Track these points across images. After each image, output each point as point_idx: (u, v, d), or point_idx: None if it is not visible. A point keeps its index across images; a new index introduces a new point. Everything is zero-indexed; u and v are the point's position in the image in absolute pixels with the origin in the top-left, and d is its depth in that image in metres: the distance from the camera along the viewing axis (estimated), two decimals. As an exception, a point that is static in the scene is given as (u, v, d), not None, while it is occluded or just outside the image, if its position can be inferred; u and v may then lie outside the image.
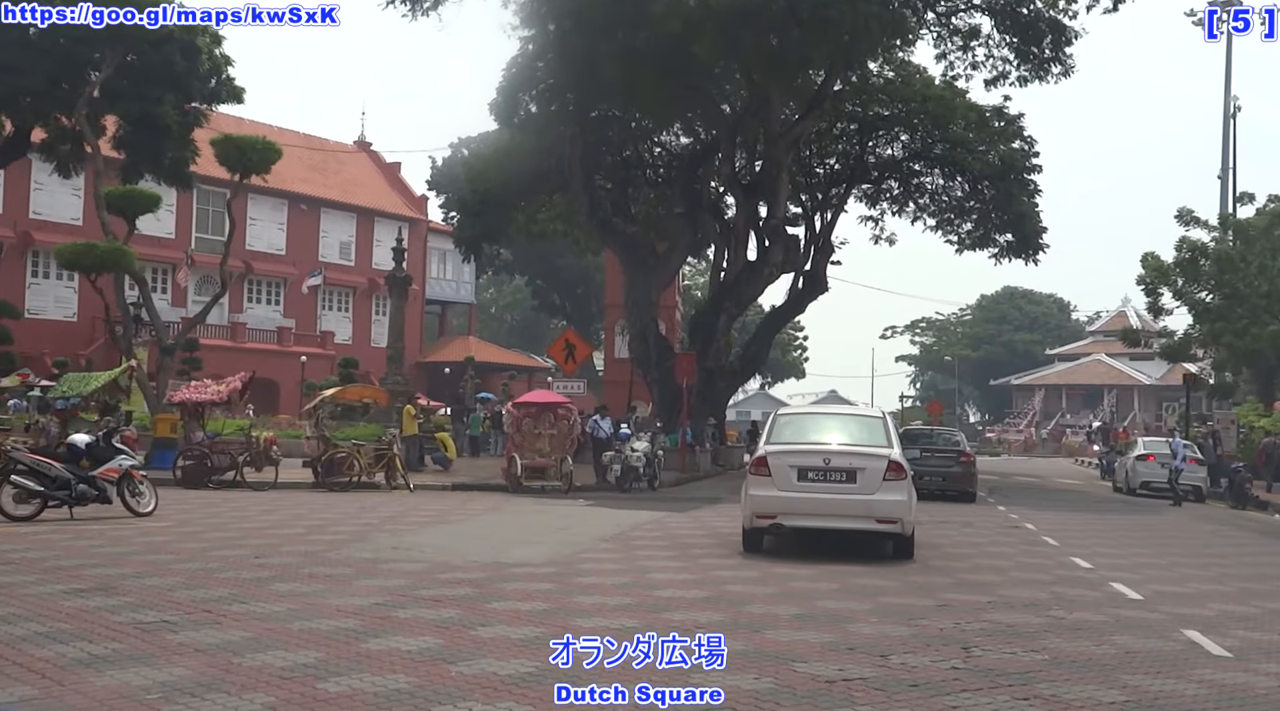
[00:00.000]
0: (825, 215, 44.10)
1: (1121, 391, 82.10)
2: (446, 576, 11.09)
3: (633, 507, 20.92)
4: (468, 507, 19.89)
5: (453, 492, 24.69)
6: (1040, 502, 27.05)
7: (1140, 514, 24.95)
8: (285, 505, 19.31)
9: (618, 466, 25.84)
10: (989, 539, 16.94)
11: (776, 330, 45.37)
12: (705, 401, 36.74)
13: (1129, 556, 15.54)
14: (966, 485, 25.72)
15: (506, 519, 17.68)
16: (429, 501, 21.33)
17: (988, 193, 42.48)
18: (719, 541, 15.25)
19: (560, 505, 21.29)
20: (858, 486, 12.89)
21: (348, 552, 12.78)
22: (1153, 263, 38.62)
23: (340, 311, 60.57)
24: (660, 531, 16.43)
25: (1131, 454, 32.52)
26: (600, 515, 19.09)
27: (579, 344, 27.02)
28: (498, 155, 39.79)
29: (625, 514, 19.34)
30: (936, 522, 19.32)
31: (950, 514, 21.65)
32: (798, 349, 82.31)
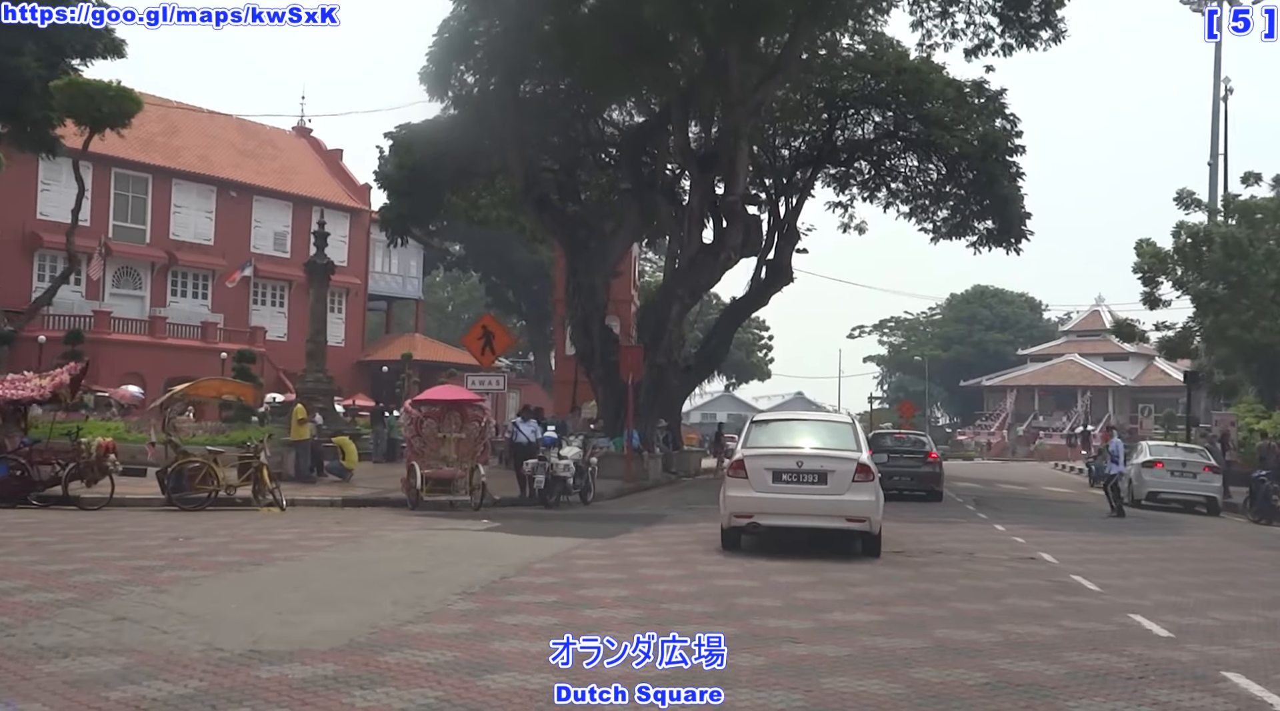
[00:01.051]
0: (790, 200, 39.67)
1: (1095, 393, 78.04)
2: (116, 696, 6.37)
3: (544, 532, 16.26)
4: (325, 534, 15.13)
5: (338, 509, 20.00)
6: (1040, 518, 22.57)
7: (1164, 533, 20.50)
8: (82, 529, 14.55)
9: (541, 477, 21.20)
10: (1005, 583, 12.35)
11: (737, 324, 40.80)
12: (656, 401, 32.14)
13: (1195, 601, 11.03)
14: (933, 484, 26.24)
15: (352, 557, 12.88)
16: (287, 524, 16.59)
17: (967, 176, 38.14)
18: (637, 592, 10.60)
19: (455, 528, 16.59)
20: (829, 487, 13.47)
21: (18, 639, 7.98)
22: (1149, 250, 34.23)
23: (274, 306, 55.65)
24: (559, 575, 11.75)
25: (1136, 458, 28.11)
26: (492, 545, 14.41)
27: (498, 331, 22.41)
28: (429, 128, 35.07)
29: (527, 543, 14.69)
30: (931, 552, 14.79)
31: (945, 536, 17.14)
32: (763, 349, 77.75)
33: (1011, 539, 17.56)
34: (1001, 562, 14.10)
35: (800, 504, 13.55)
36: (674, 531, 16.79)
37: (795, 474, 13.56)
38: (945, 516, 22.04)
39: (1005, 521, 21.02)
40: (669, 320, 31.25)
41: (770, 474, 13.58)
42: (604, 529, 16.99)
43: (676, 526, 17.75)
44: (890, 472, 23.83)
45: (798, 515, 13.66)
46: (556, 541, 14.93)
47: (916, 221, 41.79)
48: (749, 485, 13.65)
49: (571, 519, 18.98)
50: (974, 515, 22.60)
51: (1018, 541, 17.16)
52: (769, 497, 13.55)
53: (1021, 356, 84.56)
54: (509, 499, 21.95)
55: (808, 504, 13.54)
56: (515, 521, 18.08)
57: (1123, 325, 34.84)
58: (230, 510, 18.52)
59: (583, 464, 22.43)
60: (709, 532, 16.00)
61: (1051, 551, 15.64)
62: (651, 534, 16.47)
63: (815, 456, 13.74)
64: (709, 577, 11.66)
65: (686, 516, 19.89)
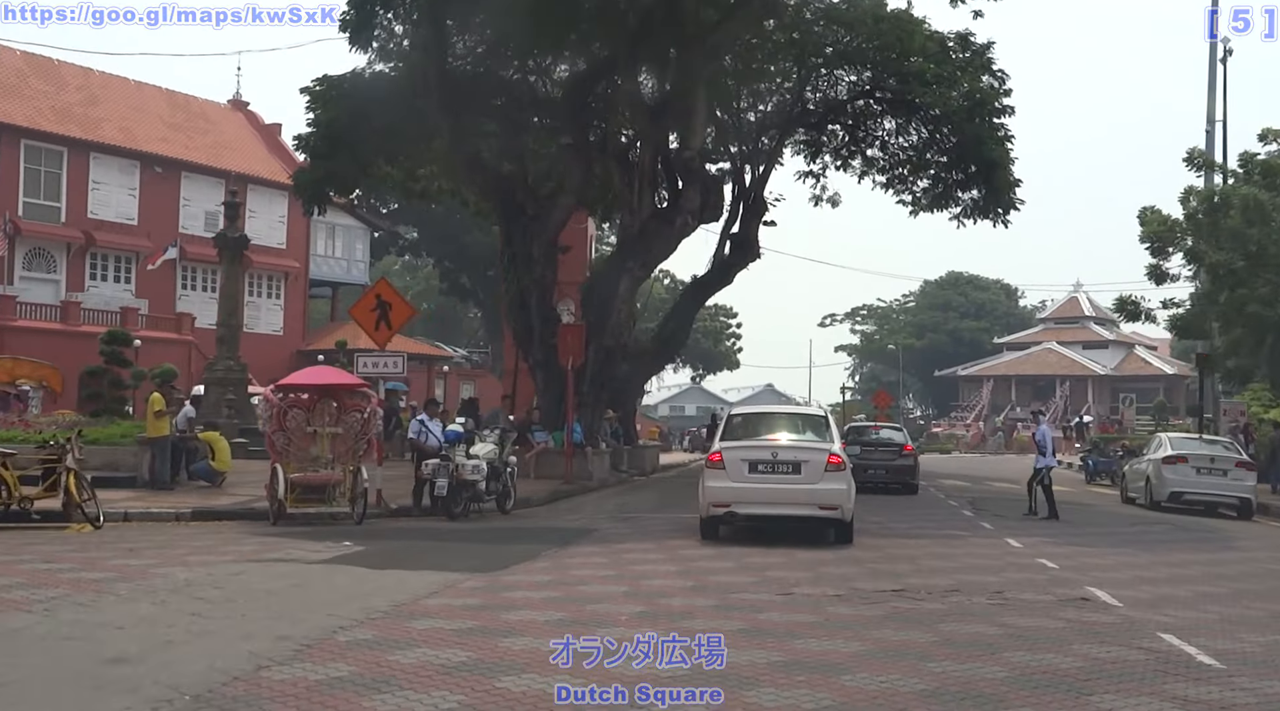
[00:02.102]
0: (756, 168, 35.23)
1: (1074, 382, 73.87)
2: None
3: (412, 562, 11.68)
4: (91, 570, 10.50)
5: (183, 524, 15.43)
6: (1056, 527, 18.17)
7: (1217, 547, 16.15)
8: None
9: (443, 481, 16.62)
10: (1077, 658, 7.84)
11: (699, 304, 36.24)
12: (603, 388, 27.63)
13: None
14: (909, 477, 25.16)
15: (65, 620, 8.23)
16: (74, 549, 11.98)
17: (950, 140, 33.75)
18: (472, 701, 6.07)
19: (290, 556, 11.96)
20: (802, 477, 13.67)
21: None
22: (1155, 218, 29.92)
23: (205, 291, 50.62)
24: (361, 658, 7.15)
25: (1153, 453, 23.78)
26: (313, 590, 9.78)
27: (396, 301, 17.81)
28: (352, 82, 30.39)
29: (370, 583, 10.11)
30: (946, 593, 10.26)
31: (954, 560, 12.69)
32: (730, 338, 73.21)
33: (1038, 562, 13.12)
34: (1050, 612, 9.58)
35: (775, 493, 13.70)
36: (591, 559, 12.28)
37: (770, 464, 13.79)
38: (944, 526, 17.63)
39: (1017, 532, 16.61)
40: (617, 296, 26.72)
41: (746, 465, 13.79)
42: (499, 555, 12.41)
43: (598, 548, 13.25)
44: (865, 465, 22.99)
45: (773, 504, 13.78)
46: (418, 578, 10.37)
47: (894, 193, 37.35)
48: (726, 476, 13.85)
49: (469, 537, 14.43)
50: (976, 524, 18.19)
51: (1048, 566, 12.71)
52: (745, 487, 13.72)
53: (998, 345, 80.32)
54: (406, 508, 17.43)
55: (782, 493, 13.70)
56: (392, 542, 13.52)
57: (1127, 302, 30.47)
58: (23, 529, 13.89)
59: (499, 464, 17.90)
60: (639, 559, 11.60)
61: (1103, 584, 11.20)
62: (562, 562, 11.94)
63: (789, 447, 14.11)
64: (608, 664, 7.11)
65: (619, 531, 15.43)
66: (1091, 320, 77.80)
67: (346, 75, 30.68)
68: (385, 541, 13.52)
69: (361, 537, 13.81)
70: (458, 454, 16.90)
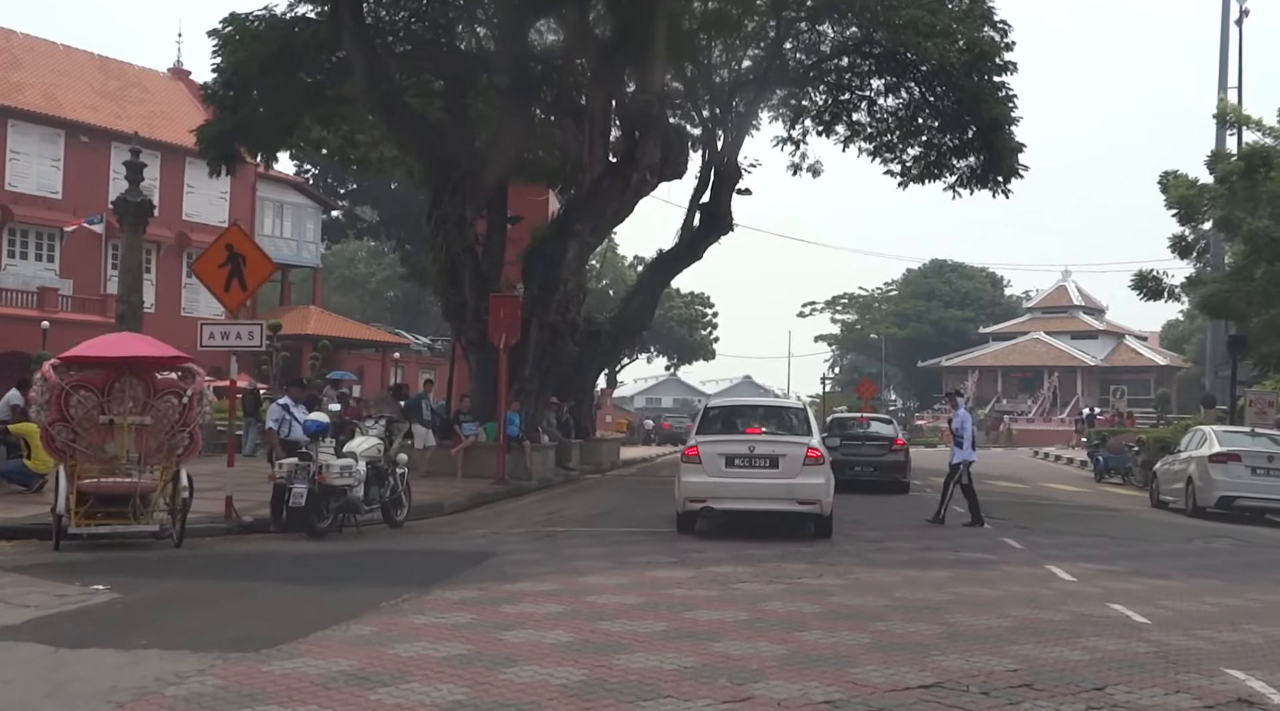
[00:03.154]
0: (729, 132, 30.98)
1: (1063, 373, 69.81)
2: None
3: (134, 634, 7.22)
4: None
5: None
6: (1102, 546, 13.92)
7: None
8: None
9: (301, 487, 12.23)
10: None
11: (666, 281, 31.92)
12: (548, 373, 23.34)
13: None
14: (899, 474, 22.19)
15: None
16: None
17: (946, 99, 29.49)
18: None
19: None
20: (780, 471, 13.02)
21: None
22: (1181, 182, 25.79)
23: (204, 285, 45.95)
24: None
25: (1194, 449, 19.56)
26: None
27: (252, 254, 13.45)
28: (269, 22, 25.88)
29: (17, 687, 5.82)
30: (1013, 691, 5.91)
31: (985, 606, 8.34)
32: (706, 326, 68.87)
33: (1113, 609, 8.85)
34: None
35: (753, 488, 13.06)
36: (447, 617, 7.78)
37: (747, 458, 13.17)
38: (958, 544, 13.37)
39: (1055, 555, 12.37)
40: (563, 265, 22.43)
41: (723, 459, 13.20)
42: (311, 608, 8.04)
43: (474, 594, 8.77)
44: (850, 461, 20.93)
45: (750, 499, 13.13)
46: (102, 671, 6.04)
47: (882, 162, 33.11)
48: (702, 470, 13.23)
49: (302, 570, 10.11)
50: (997, 540, 13.91)
51: (1134, 619, 8.45)
52: (722, 482, 13.10)
53: (983, 335, 76.16)
54: (262, 521, 13.07)
55: (760, 487, 13.05)
56: (173, 582, 9.19)
57: (1146, 278, 26.33)
58: None
59: (384, 465, 13.54)
60: (522, 617, 7.34)
61: (1239, 658, 6.98)
62: (396, 625, 7.49)
63: (767, 441, 13.48)
64: None
65: (524, 556, 11.08)
66: (1080, 309, 73.78)
67: (259, 15, 26.17)
68: (165, 581, 9.20)
69: (148, 571, 9.50)
70: (322, 451, 12.54)
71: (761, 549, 12.01)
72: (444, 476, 20.82)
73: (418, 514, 15.20)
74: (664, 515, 15.86)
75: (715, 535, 13.29)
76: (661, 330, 66.00)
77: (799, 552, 11.78)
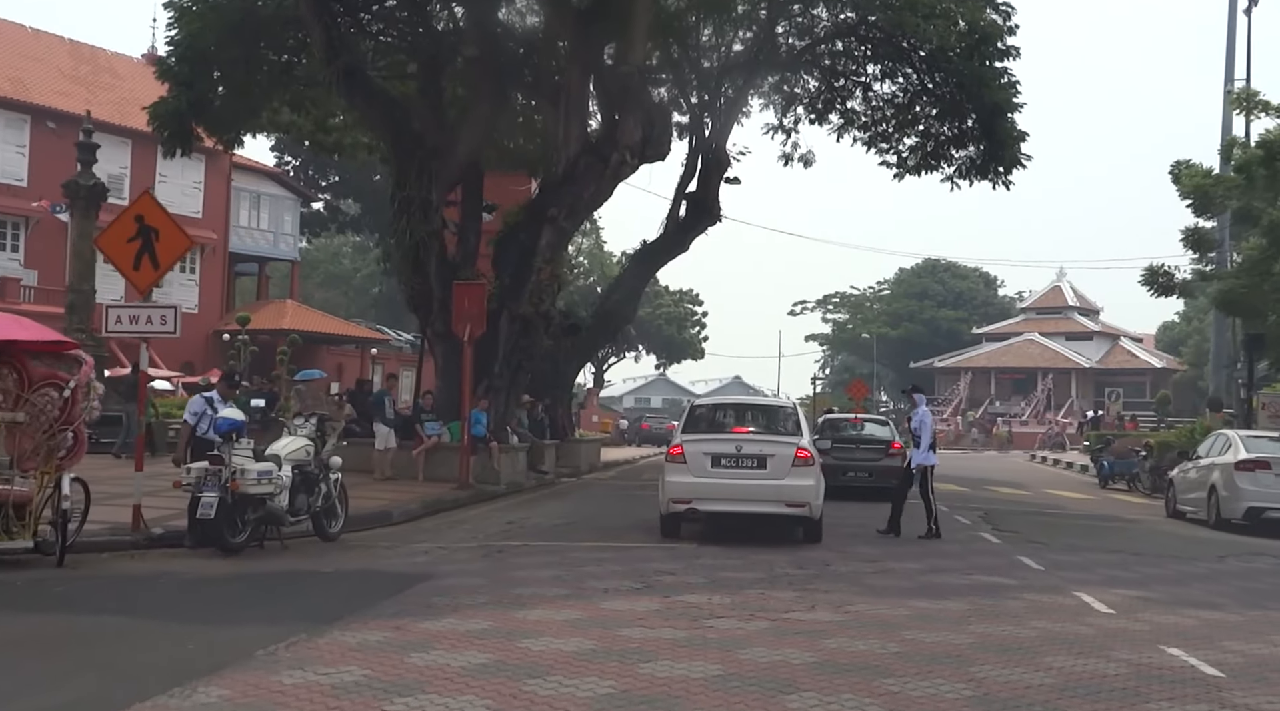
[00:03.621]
0: (718, 117, 29.29)
1: (1057, 374, 68.14)
2: None
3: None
4: None
5: None
6: (1128, 564, 12.19)
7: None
8: None
9: (211, 496, 10.47)
10: None
11: (650, 274, 30.21)
12: (520, 369, 21.59)
13: None
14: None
15: None
16: None
17: (945, 86, 27.80)
18: None
19: None
20: (768, 472, 12.49)
21: None
22: (1195, 172, 24.11)
23: (108, 264, 43.98)
24: None
25: (1216, 455, 17.87)
26: None
27: (165, 227, 11.65)
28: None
29: None
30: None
31: (1041, 670, 6.51)
32: (695, 325, 67.06)
33: (1167, 654, 7.13)
34: None
35: (739, 489, 12.43)
36: (337, 674, 6.07)
37: (734, 458, 12.54)
38: (970, 563, 11.64)
39: (1081, 578, 10.69)
40: (537, 252, 20.67)
41: (709, 459, 12.57)
42: (182, 658, 6.29)
43: (384, 636, 6.95)
44: (845, 466, 19.79)
45: (736, 500, 12.48)
46: None
47: (877, 152, 31.38)
48: (687, 470, 12.59)
49: (191, 602, 8.37)
50: (1012, 558, 12.19)
51: (1196, 668, 6.74)
52: (707, 483, 12.47)
53: (977, 335, 74.45)
54: (176, 532, 11.32)
55: (746, 489, 12.43)
56: (27, 616, 7.43)
57: (1158, 273, 24.65)
58: None
59: (315, 469, 11.78)
60: (429, 673, 5.54)
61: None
62: (261, 686, 5.77)
63: (754, 441, 12.86)
64: None
65: (465, 581, 9.31)
66: (1075, 310, 72.14)
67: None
68: (16, 614, 7.44)
69: (3, 599, 7.73)
70: (238, 454, 10.78)
71: (744, 570, 10.31)
72: (406, 480, 19.11)
73: (360, 524, 13.47)
74: (637, 525, 14.19)
75: (691, 553, 11.57)
76: (650, 329, 64.23)
77: (787, 576, 10.07)
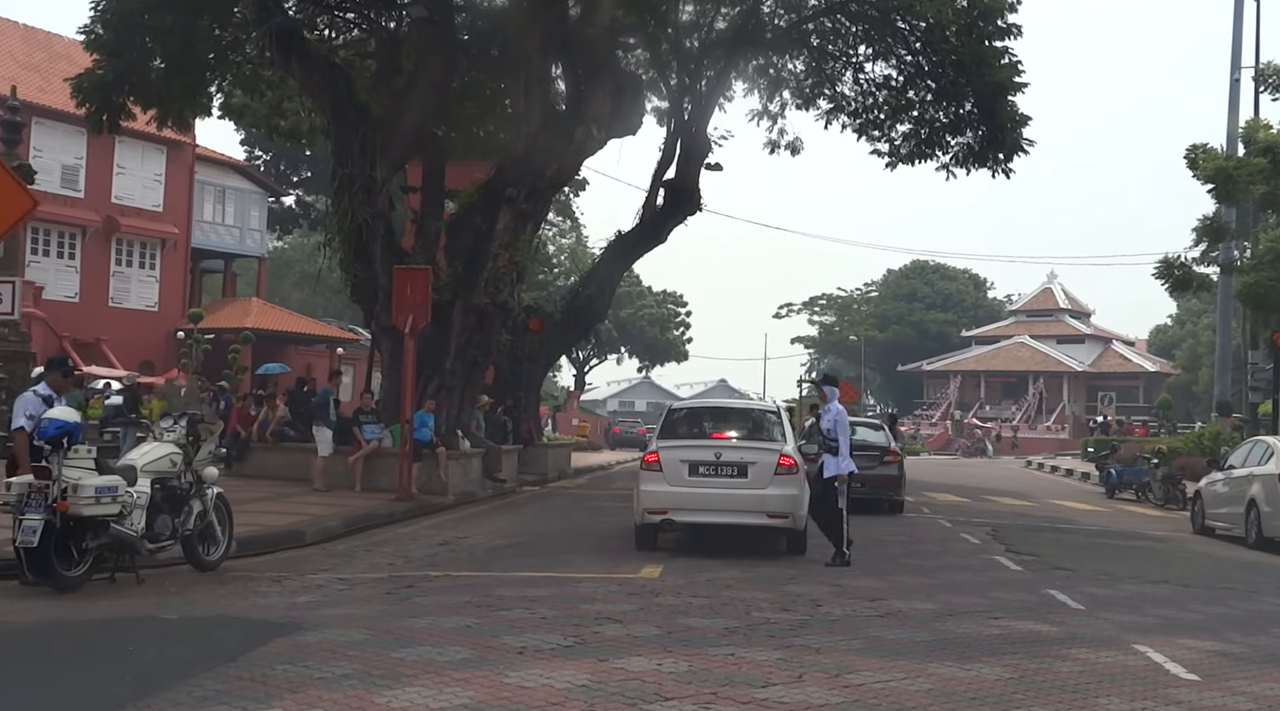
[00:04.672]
0: (699, 100, 27.01)
1: (1049, 378, 66.05)
2: None
3: None
4: None
5: None
6: (1181, 601, 9.93)
7: None
8: None
9: (35, 519, 8.09)
10: None
11: (625, 266, 27.88)
12: (475, 366, 19.25)
13: None
14: (893, 492, 19.11)
15: None
16: None
17: (942, 68, 25.60)
18: None
19: None
20: (749, 481, 11.59)
21: None
22: (1215, 155, 21.93)
23: (61, 258, 41.65)
24: None
25: (1256, 465, 15.65)
26: None
27: (5, 186, 9.44)
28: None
29: None
30: None
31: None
32: (679, 326, 64.75)
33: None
34: None
35: (718, 498, 11.58)
36: None
37: (713, 466, 11.63)
38: (992, 599, 9.32)
39: (1134, 622, 8.46)
40: (493, 236, 18.35)
41: (686, 466, 11.64)
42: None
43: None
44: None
45: (715, 511, 11.63)
46: None
47: (868, 140, 29.15)
48: (663, 478, 11.67)
49: None
50: (1039, 592, 9.89)
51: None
52: (684, 492, 11.57)
53: (966, 338, 72.29)
54: (11, 560, 8.94)
55: (726, 498, 11.59)
56: None
57: (1174, 265, 22.46)
58: None
59: (182, 484, 9.40)
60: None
61: None
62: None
63: (735, 447, 12.01)
64: None
65: (342, 636, 6.88)
66: (1066, 312, 70.06)
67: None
68: None
69: None
70: (71, 465, 8.41)
71: (712, 614, 7.99)
72: (342, 490, 16.78)
73: (262, 546, 11.16)
74: (592, 547, 11.93)
75: (649, 589, 9.26)
76: (632, 330, 61.94)
77: (767, 624, 7.74)
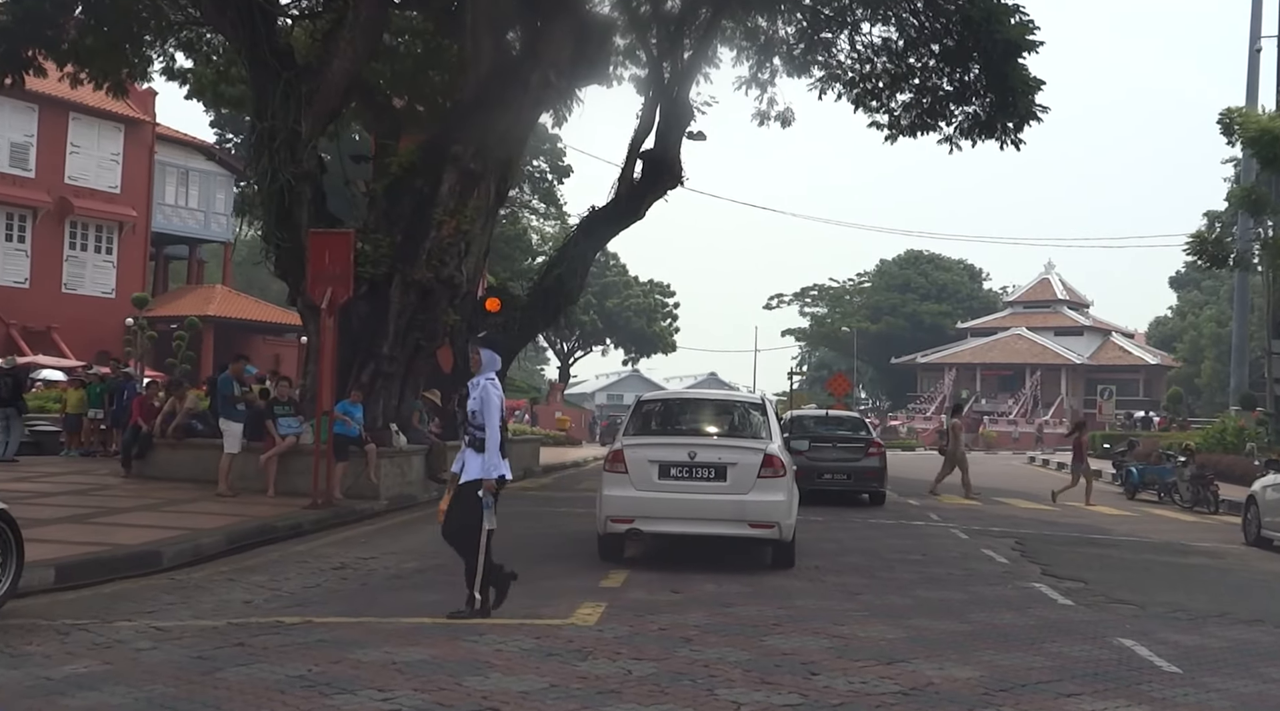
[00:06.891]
0: (678, 63, 24.33)
1: (1046, 371, 63.51)
2: None
3: None
4: None
5: None
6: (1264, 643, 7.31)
7: None
8: None
9: None
10: None
11: (599, 245, 25.15)
12: (418, 350, 16.57)
13: None
14: (876, 484, 18.67)
15: None
16: None
17: (949, 23, 22.98)
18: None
19: None
20: (728, 484, 9.96)
21: None
22: (1252, 119, 19.31)
23: (10, 241, 38.86)
24: None
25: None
26: None
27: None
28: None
29: None
30: None
31: None
32: (666, 317, 62.09)
33: None
34: None
35: (692, 505, 9.92)
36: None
37: (687, 468, 9.95)
38: (1044, 652, 6.69)
39: (1257, 698, 5.75)
40: (437, 201, 15.68)
41: (656, 467, 9.99)
42: None
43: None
44: (819, 468, 18.12)
45: (689, 519, 9.97)
46: None
47: (865, 111, 26.48)
48: (629, 481, 10.01)
49: None
50: (1110, 643, 7.26)
51: None
52: (653, 497, 9.91)
53: (961, 330, 69.69)
54: None
55: (701, 505, 9.93)
56: None
57: (1208, 242, 19.91)
58: None
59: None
60: None
61: None
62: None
63: (712, 446, 10.40)
64: None
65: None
66: (1064, 304, 67.52)
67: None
68: None
69: None
70: None
71: (654, 697, 5.34)
72: (252, 494, 14.14)
73: (96, 572, 8.54)
74: (522, 571, 9.23)
75: (580, 640, 6.63)
76: (619, 320, 59.30)
77: (723, 668, 5.10)
